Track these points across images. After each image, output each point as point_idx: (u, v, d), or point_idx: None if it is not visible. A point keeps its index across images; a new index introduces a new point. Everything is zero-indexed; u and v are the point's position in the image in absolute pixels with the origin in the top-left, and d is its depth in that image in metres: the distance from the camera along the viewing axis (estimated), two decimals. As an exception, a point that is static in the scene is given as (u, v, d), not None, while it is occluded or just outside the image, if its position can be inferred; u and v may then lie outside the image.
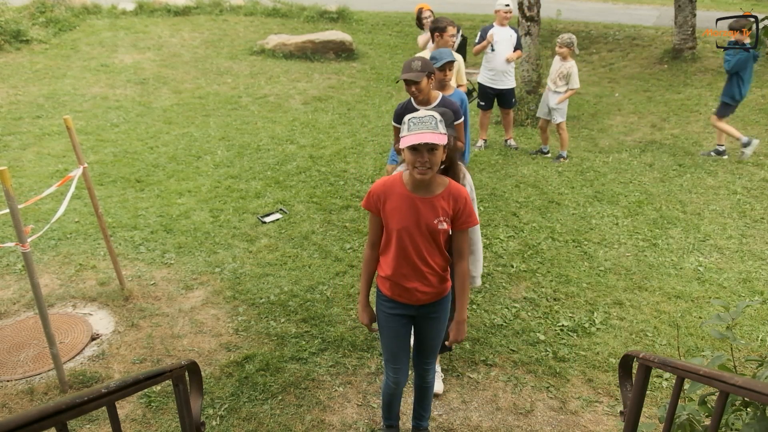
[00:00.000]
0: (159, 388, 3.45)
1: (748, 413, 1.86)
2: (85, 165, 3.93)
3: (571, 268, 4.83)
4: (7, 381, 3.55)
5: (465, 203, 2.58)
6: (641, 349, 3.18)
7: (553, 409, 3.39)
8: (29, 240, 3.24)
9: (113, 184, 6.11)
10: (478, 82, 7.39)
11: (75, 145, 3.85)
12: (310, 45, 11.09)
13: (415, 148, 2.40)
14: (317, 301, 4.32)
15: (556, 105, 6.81)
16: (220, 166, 6.63)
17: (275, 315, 4.16)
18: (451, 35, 5.21)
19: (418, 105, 3.87)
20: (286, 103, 8.96)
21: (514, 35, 7.11)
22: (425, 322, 2.81)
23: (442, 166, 2.65)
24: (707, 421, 1.98)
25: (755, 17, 3.91)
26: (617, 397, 3.47)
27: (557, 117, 6.88)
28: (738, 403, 1.90)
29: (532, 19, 8.52)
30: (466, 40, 7.08)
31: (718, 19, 5.34)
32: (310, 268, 4.73)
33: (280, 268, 4.73)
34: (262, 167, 6.62)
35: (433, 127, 2.38)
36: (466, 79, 5.72)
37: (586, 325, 4.11)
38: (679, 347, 3.81)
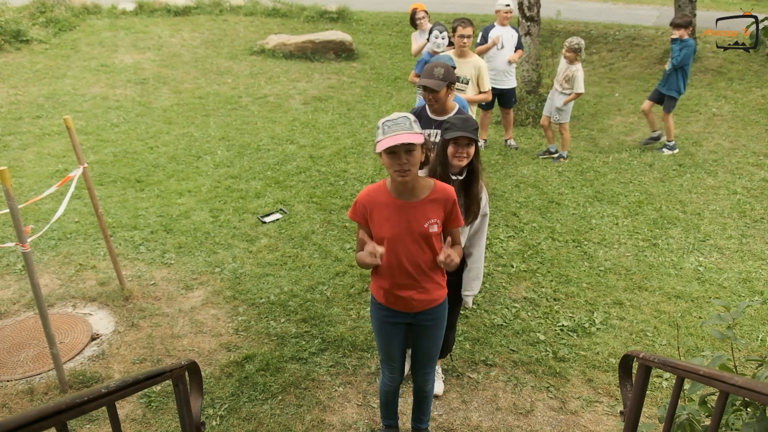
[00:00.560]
0: (159, 388, 3.45)
1: (748, 413, 1.86)
2: (85, 165, 3.93)
3: (571, 268, 4.83)
4: (7, 381, 3.55)
5: (453, 204, 2.56)
6: (641, 349, 3.18)
7: (553, 409, 3.39)
8: (29, 240, 3.24)
9: (113, 184, 6.11)
10: None
11: (75, 145, 3.85)
12: (310, 45, 11.09)
13: (393, 151, 2.37)
14: (317, 301, 4.32)
15: (561, 106, 6.83)
16: (220, 166, 6.63)
17: (275, 315, 4.16)
18: (461, 36, 5.27)
19: (432, 114, 3.63)
20: (286, 103, 8.96)
21: (515, 35, 7.12)
22: (421, 330, 2.77)
23: (462, 176, 2.82)
24: (707, 421, 1.98)
25: (755, 17, 3.91)
26: (617, 397, 3.47)
27: (561, 117, 6.90)
28: (738, 403, 1.90)
29: (532, 19, 8.52)
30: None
31: (718, 19, 5.34)
32: (310, 268, 4.73)
33: (280, 268, 4.73)
34: (262, 167, 6.62)
35: (407, 128, 2.35)
36: (488, 86, 5.40)
37: (586, 325, 4.11)
38: (679, 347, 3.81)
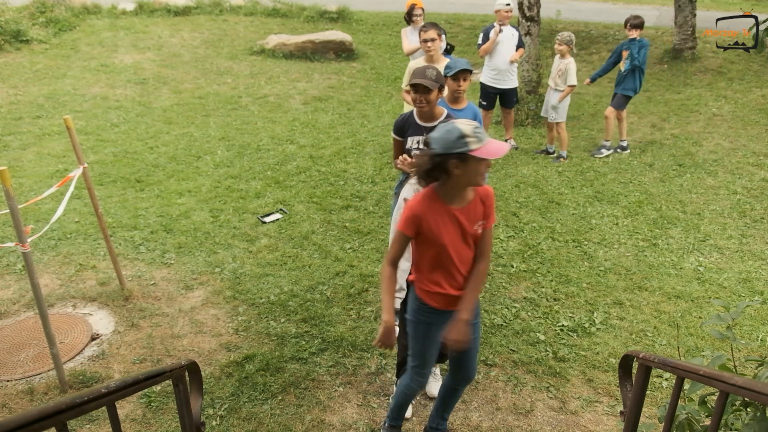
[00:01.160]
0: (159, 388, 3.45)
1: (748, 413, 1.86)
2: (85, 165, 3.93)
3: (571, 268, 4.83)
4: (7, 381, 3.55)
5: (492, 202, 2.65)
6: (641, 349, 3.18)
7: (553, 409, 3.39)
8: (29, 240, 3.24)
9: (113, 184, 6.11)
10: (481, 82, 7.39)
11: (75, 145, 3.85)
12: (310, 45, 11.09)
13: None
14: (317, 301, 4.32)
15: (556, 103, 6.84)
16: (220, 166, 6.63)
17: (275, 315, 4.16)
18: (425, 40, 4.68)
19: (420, 119, 3.51)
20: (286, 103, 8.96)
21: (515, 34, 7.09)
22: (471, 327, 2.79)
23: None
24: (707, 421, 1.98)
25: (755, 17, 3.91)
26: (617, 397, 3.47)
27: (557, 116, 6.91)
28: (738, 403, 1.90)
29: (532, 19, 8.52)
30: (453, 49, 6.82)
31: (718, 19, 5.34)
32: (310, 268, 4.74)
33: (280, 268, 4.73)
34: (262, 167, 6.62)
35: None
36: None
37: (586, 325, 4.11)
38: (679, 347, 3.82)
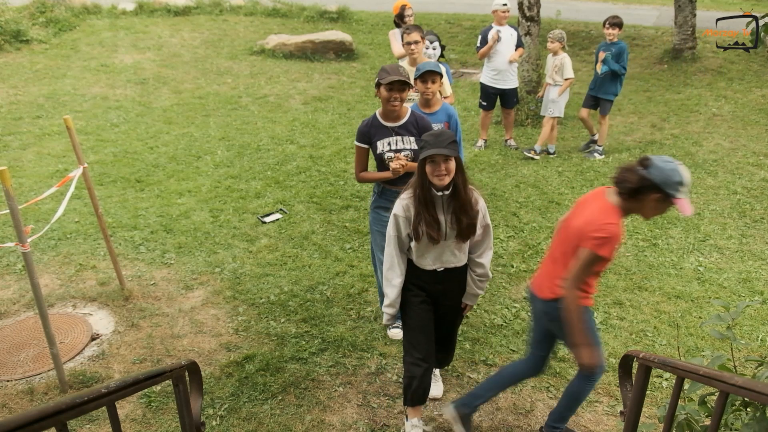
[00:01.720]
0: (159, 388, 3.45)
1: (747, 413, 1.86)
2: (85, 165, 3.93)
3: (571, 268, 4.82)
4: (7, 381, 3.55)
5: None
6: (641, 349, 3.18)
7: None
8: (29, 240, 3.24)
9: (113, 184, 6.11)
10: (481, 82, 7.39)
11: (75, 145, 3.85)
12: (310, 45, 11.09)
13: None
14: (317, 301, 4.32)
15: (555, 97, 6.91)
16: (220, 166, 6.63)
17: (275, 315, 4.16)
18: (408, 42, 4.50)
19: (385, 120, 3.42)
20: (286, 103, 8.96)
21: (514, 34, 7.09)
22: None
23: (448, 191, 2.70)
24: (707, 421, 1.98)
25: (755, 17, 3.91)
26: (617, 397, 3.47)
27: (554, 110, 7.00)
28: (738, 403, 1.90)
29: (532, 19, 8.52)
30: (444, 49, 6.76)
31: (718, 19, 5.35)
32: (310, 268, 4.73)
33: (280, 268, 4.73)
34: (262, 167, 6.62)
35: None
36: (450, 90, 4.85)
37: (586, 325, 4.11)
38: (679, 347, 3.81)
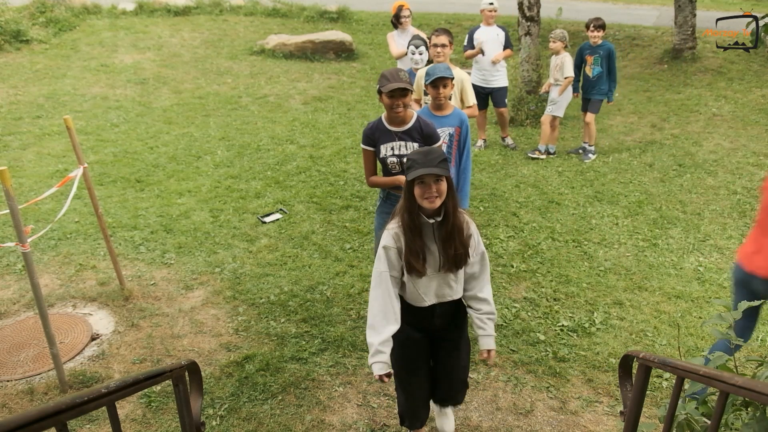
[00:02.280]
0: (159, 388, 3.45)
1: (748, 413, 1.86)
2: (85, 165, 3.93)
3: (571, 268, 4.83)
4: (7, 381, 3.55)
5: None
6: (641, 349, 3.18)
7: (553, 409, 3.39)
8: (29, 240, 3.24)
9: (113, 184, 6.11)
10: (471, 83, 7.36)
11: (75, 145, 3.85)
12: (310, 45, 11.09)
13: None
14: (317, 301, 4.32)
15: (556, 96, 6.89)
16: (220, 166, 6.63)
17: (275, 315, 4.16)
18: (435, 45, 4.70)
19: (391, 124, 3.42)
20: (286, 103, 8.96)
21: (501, 34, 7.00)
22: None
23: (439, 216, 2.46)
24: (708, 421, 1.98)
25: (755, 17, 3.91)
26: (617, 397, 3.47)
27: (555, 109, 6.99)
28: (738, 402, 1.90)
29: (532, 19, 8.51)
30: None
31: (718, 19, 5.34)
32: (310, 268, 4.73)
33: (280, 268, 4.73)
34: (262, 167, 6.62)
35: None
36: (474, 100, 4.89)
37: (586, 325, 4.11)
38: (679, 347, 3.81)
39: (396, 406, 3.37)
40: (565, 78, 6.81)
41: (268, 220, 5.46)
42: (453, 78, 3.73)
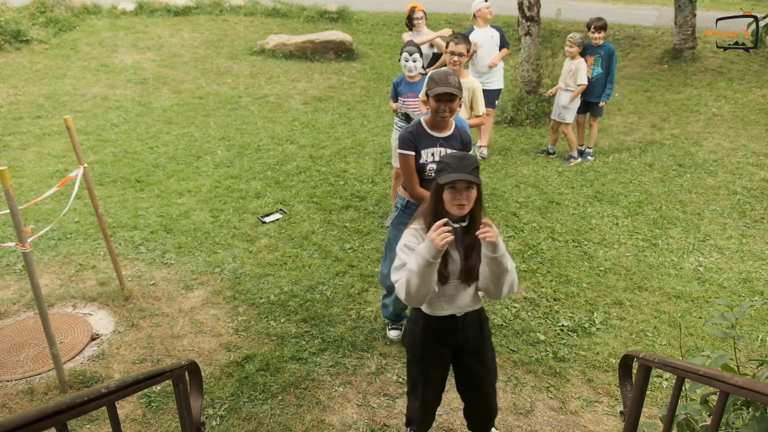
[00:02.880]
0: (159, 388, 3.45)
1: (748, 412, 1.86)
2: (85, 165, 3.92)
3: (571, 268, 4.83)
4: (7, 381, 3.55)
5: None
6: (641, 349, 3.18)
7: (553, 409, 3.39)
8: (29, 240, 3.24)
9: (113, 184, 6.11)
10: None
11: (75, 145, 3.85)
12: (310, 45, 11.09)
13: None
14: (317, 301, 4.32)
15: (567, 103, 6.80)
16: (220, 166, 6.63)
17: (275, 315, 4.16)
18: (452, 52, 4.42)
19: (433, 130, 3.27)
20: (286, 103, 8.96)
21: (496, 35, 6.89)
22: None
23: (464, 222, 2.40)
24: (708, 421, 1.98)
25: (755, 17, 3.91)
26: (617, 397, 3.47)
27: (566, 116, 6.88)
28: (740, 402, 1.90)
29: (532, 19, 8.52)
30: (437, 58, 6.40)
31: (718, 19, 5.34)
32: (310, 268, 4.73)
33: (280, 268, 4.73)
34: (262, 167, 6.62)
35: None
36: (483, 109, 4.65)
37: (586, 325, 4.11)
38: (681, 347, 3.81)
39: (395, 406, 3.38)
40: (578, 85, 6.68)
41: (268, 220, 5.46)
42: (461, 97, 3.28)
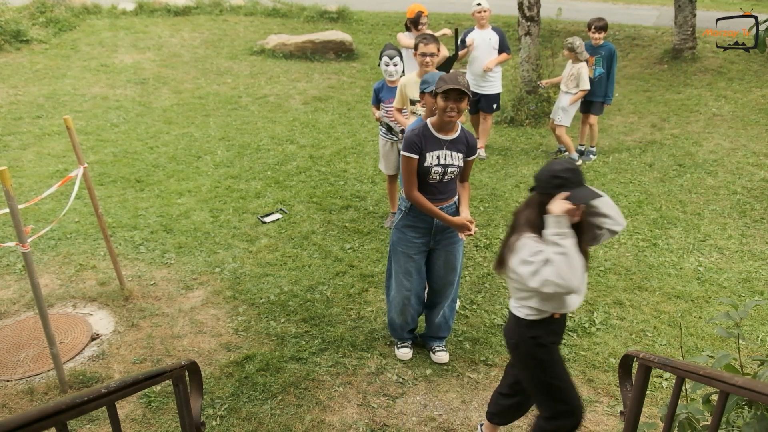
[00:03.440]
0: (159, 388, 3.45)
1: (749, 412, 1.86)
2: (85, 165, 3.92)
3: (571, 268, 4.82)
4: (7, 381, 3.55)
5: None
6: (641, 349, 3.18)
7: (553, 409, 3.39)
8: (29, 240, 3.24)
9: (113, 184, 6.11)
10: None
11: (75, 145, 3.85)
12: (310, 45, 11.09)
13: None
14: (317, 301, 4.32)
15: (566, 105, 6.76)
16: (220, 166, 6.63)
17: (275, 315, 4.16)
18: (423, 54, 4.26)
19: (439, 133, 3.18)
20: (286, 103, 8.96)
21: (494, 37, 6.74)
22: None
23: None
24: (709, 420, 1.98)
25: (755, 17, 3.91)
26: (617, 397, 3.47)
27: (563, 119, 6.83)
28: (742, 402, 1.90)
29: (532, 19, 8.51)
30: (455, 58, 6.13)
31: (718, 19, 5.34)
32: (310, 268, 4.73)
33: (280, 268, 4.73)
34: (262, 167, 6.62)
35: None
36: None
37: (586, 325, 4.11)
38: (681, 347, 3.81)
39: (395, 406, 3.38)
40: (581, 90, 6.63)
41: (268, 220, 5.46)
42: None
